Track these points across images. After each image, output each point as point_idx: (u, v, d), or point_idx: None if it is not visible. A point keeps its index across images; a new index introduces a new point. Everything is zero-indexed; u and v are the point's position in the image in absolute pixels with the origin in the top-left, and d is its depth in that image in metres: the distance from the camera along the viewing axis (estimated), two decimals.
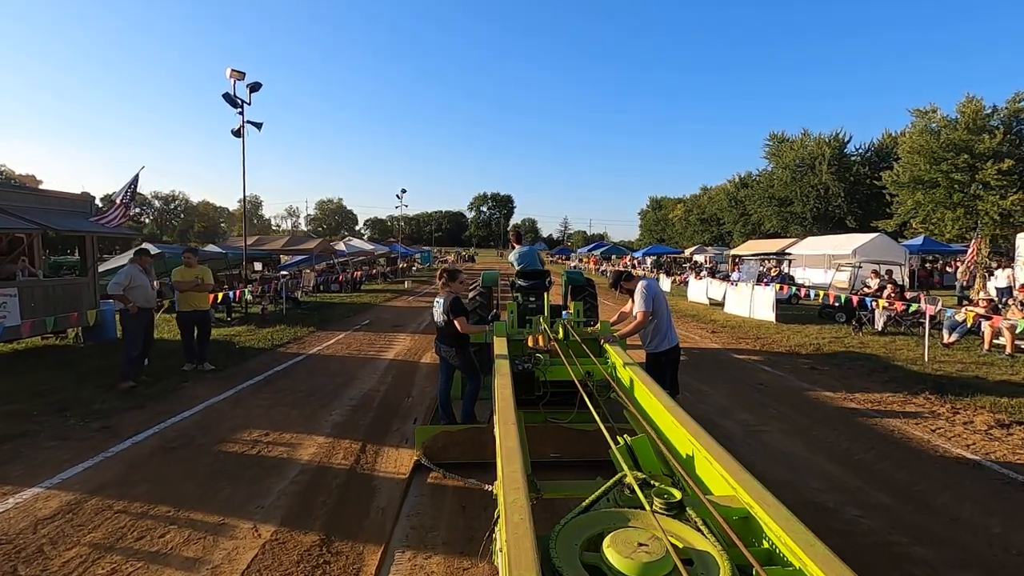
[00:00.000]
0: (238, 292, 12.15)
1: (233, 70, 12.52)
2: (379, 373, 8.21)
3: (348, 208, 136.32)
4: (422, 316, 15.50)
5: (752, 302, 14.97)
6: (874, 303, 11.24)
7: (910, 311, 10.56)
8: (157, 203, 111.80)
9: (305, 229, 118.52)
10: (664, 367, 5.17)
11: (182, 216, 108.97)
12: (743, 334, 12.36)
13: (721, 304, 17.60)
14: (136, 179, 10.19)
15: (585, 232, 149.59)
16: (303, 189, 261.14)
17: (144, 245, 16.23)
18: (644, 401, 3.49)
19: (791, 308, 16.03)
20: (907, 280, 26.19)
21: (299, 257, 23.47)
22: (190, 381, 7.48)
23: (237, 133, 13.39)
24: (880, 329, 12.09)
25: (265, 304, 14.03)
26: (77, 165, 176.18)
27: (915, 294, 13.79)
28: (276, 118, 62.54)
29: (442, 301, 5.22)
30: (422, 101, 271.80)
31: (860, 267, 14.60)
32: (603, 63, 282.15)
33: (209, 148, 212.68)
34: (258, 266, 29.49)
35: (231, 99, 12.92)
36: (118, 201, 10.08)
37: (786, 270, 19.95)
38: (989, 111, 33.73)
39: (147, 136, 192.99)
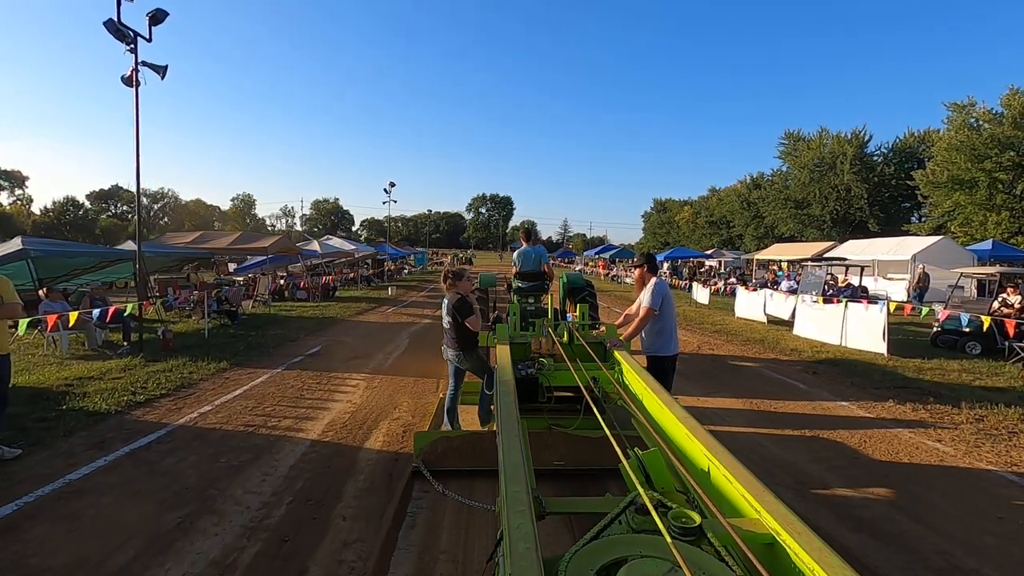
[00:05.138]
0: (111, 309, 8.07)
1: None
2: (270, 487, 4.18)
3: (344, 208, 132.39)
4: (399, 338, 11.47)
5: (846, 325, 10.97)
6: None
7: None
8: (145, 200, 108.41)
9: (300, 229, 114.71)
10: (666, 372, 4.70)
11: (171, 214, 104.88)
12: (860, 378, 8.33)
13: (787, 323, 13.62)
14: None
15: (585, 235, 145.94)
16: (299, 188, 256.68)
17: (16, 238, 12.06)
18: (654, 410, 3.21)
19: None
20: (974, 291, 22.34)
21: (259, 258, 19.37)
22: None
23: (129, 81, 9.36)
24: None
25: (166, 327, 9.94)
26: (84, 167, 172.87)
27: None
28: (274, 114, 58.51)
29: (446, 302, 5.00)
30: (422, 101, 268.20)
31: (1000, 278, 10.58)
32: (605, 63, 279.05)
33: (206, 146, 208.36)
34: (232, 267, 25.41)
35: (117, 30, 8.91)
36: None
37: (855, 280, 16.02)
38: None
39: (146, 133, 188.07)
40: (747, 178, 57.69)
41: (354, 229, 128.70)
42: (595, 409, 2.91)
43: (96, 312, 7.88)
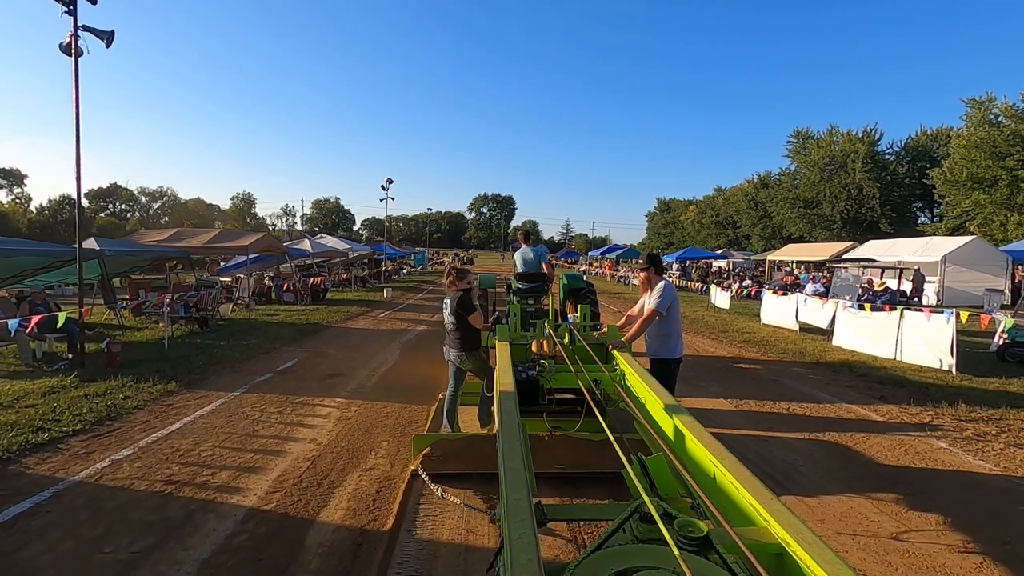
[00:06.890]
0: (35, 319, 6.67)
1: None
2: None
3: (346, 208, 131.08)
4: (388, 349, 10.06)
5: (901, 337, 9.51)
6: None
7: None
8: (144, 199, 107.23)
9: (301, 228, 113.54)
10: (671, 376, 4.63)
11: (170, 212, 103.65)
12: (939, 404, 6.86)
13: (822, 332, 12.19)
14: None
15: (587, 235, 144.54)
16: (299, 188, 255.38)
17: None
18: (657, 413, 3.12)
19: None
20: (1009, 295, 20.90)
21: (240, 258, 17.99)
22: None
23: (67, 49, 8.01)
24: None
25: (112, 338, 8.54)
26: (83, 167, 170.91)
27: None
28: (275, 115, 57.22)
29: (449, 301, 4.95)
30: (422, 102, 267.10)
31: None
32: (607, 65, 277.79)
33: (203, 145, 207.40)
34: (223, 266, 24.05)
35: None
36: None
37: (893, 284, 14.60)
38: None
39: (146, 134, 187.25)
40: (754, 177, 56.84)
41: (355, 228, 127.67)
42: (596, 412, 2.90)
43: (13, 322, 6.46)
